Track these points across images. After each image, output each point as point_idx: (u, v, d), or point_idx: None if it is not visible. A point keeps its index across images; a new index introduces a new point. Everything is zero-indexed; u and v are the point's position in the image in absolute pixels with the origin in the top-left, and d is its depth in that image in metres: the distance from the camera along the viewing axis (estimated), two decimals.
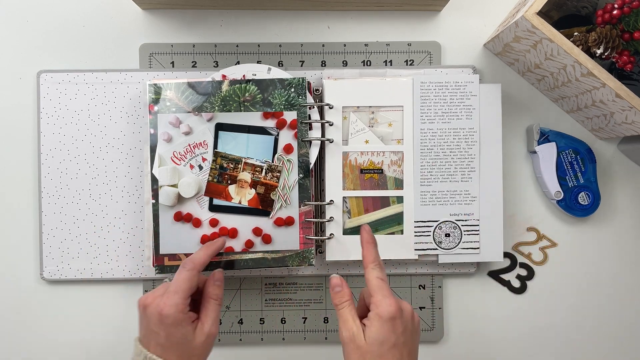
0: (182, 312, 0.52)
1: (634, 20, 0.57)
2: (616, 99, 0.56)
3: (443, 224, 0.65)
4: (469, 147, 0.65)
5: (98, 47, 0.68)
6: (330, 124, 0.64)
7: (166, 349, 0.52)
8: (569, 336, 0.69)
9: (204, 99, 0.62)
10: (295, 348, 0.68)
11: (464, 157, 0.65)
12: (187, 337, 0.52)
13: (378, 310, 0.50)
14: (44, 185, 0.66)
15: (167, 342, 0.52)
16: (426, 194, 0.65)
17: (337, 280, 0.54)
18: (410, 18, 0.69)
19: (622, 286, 0.69)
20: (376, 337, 0.49)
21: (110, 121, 0.66)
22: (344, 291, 0.53)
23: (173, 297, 0.52)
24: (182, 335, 0.52)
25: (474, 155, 0.65)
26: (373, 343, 0.49)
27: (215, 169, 0.63)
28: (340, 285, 0.54)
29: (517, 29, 0.58)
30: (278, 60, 0.68)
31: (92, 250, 0.66)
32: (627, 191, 0.69)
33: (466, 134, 0.65)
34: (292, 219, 0.63)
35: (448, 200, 0.65)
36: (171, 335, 0.52)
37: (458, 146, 0.65)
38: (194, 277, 0.54)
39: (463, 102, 0.65)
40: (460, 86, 0.65)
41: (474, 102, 0.65)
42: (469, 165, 0.65)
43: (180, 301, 0.52)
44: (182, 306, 0.52)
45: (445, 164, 0.65)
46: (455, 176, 0.65)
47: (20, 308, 0.67)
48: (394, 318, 0.49)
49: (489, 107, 0.65)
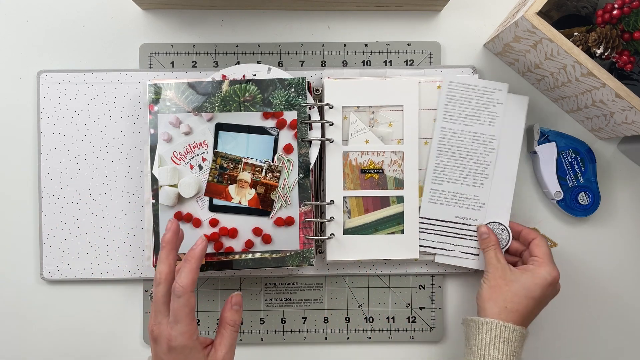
0: (190, 339, 0.50)
1: (634, 20, 0.57)
2: (616, 99, 0.56)
3: (447, 224, 0.65)
4: (487, 154, 0.65)
5: (98, 47, 0.68)
6: (330, 124, 0.64)
7: None
8: (569, 336, 0.69)
9: (204, 99, 0.62)
10: (295, 348, 0.68)
11: (479, 162, 0.65)
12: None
13: (536, 269, 0.59)
14: (44, 185, 0.66)
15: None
16: (435, 192, 0.65)
17: (484, 229, 0.63)
18: (410, 18, 0.69)
19: (622, 286, 0.69)
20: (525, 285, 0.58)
21: (110, 121, 0.66)
22: (491, 237, 0.62)
23: (177, 326, 0.50)
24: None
25: (489, 162, 0.65)
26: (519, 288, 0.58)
27: (215, 169, 0.63)
28: (487, 232, 0.63)
29: (517, 29, 0.58)
30: (278, 60, 0.68)
31: (92, 250, 0.66)
32: (627, 191, 0.69)
33: (485, 140, 0.65)
34: (292, 219, 0.63)
35: (456, 202, 0.65)
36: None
37: (475, 150, 0.65)
38: (191, 299, 0.51)
39: (488, 108, 0.65)
40: (488, 92, 0.65)
41: (499, 109, 0.65)
42: (483, 171, 0.65)
43: (185, 328, 0.50)
44: (189, 333, 0.50)
45: (459, 166, 0.65)
46: (467, 180, 0.65)
47: (20, 308, 0.67)
48: (552, 284, 0.58)
49: (513, 118, 0.65)
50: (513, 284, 0.58)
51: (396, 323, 0.67)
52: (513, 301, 0.57)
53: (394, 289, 0.68)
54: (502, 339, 0.56)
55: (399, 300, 0.67)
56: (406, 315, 0.68)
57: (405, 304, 0.68)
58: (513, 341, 0.56)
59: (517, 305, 0.57)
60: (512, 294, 0.58)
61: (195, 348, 0.50)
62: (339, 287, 0.67)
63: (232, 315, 0.54)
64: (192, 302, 0.51)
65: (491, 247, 0.62)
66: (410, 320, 0.67)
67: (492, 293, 0.58)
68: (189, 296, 0.50)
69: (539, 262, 0.59)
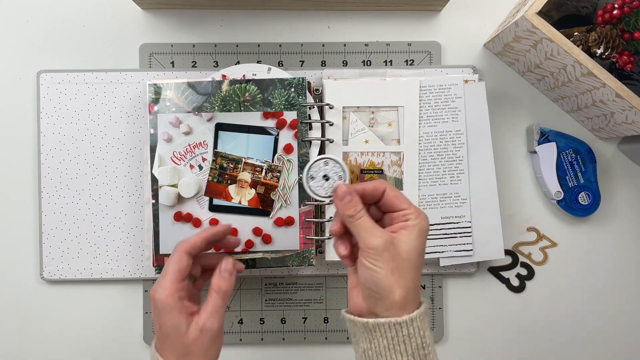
0: (170, 297, 0.48)
1: (634, 20, 0.57)
2: (616, 99, 0.56)
3: (434, 227, 0.65)
4: (457, 150, 0.65)
5: (98, 47, 0.68)
6: (330, 124, 0.64)
7: (161, 342, 0.48)
8: (569, 336, 0.69)
9: (204, 99, 0.62)
10: (295, 348, 0.68)
11: (452, 160, 0.65)
12: (179, 329, 0.47)
13: (419, 221, 0.46)
14: (44, 185, 0.66)
15: (161, 333, 0.48)
16: (423, 198, 0.65)
17: (344, 188, 0.47)
18: (410, 18, 0.69)
19: (622, 286, 0.69)
20: (414, 245, 0.45)
21: (110, 121, 0.66)
22: (355, 199, 0.47)
23: (161, 280, 0.48)
24: (173, 325, 0.47)
25: (462, 157, 0.65)
26: (410, 251, 0.45)
27: (215, 169, 0.63)
28: (350, 193, 0.47)
29: (517, 29, 0.58)
30: (278, 60, 0.68)
31: (92, 250, 0.66)
32: (627, 191, 0.69)
33: (453, 137, 0.65)
34: (292, 219, 0.63)
35: (438, 203, 0.65)
36: (163, 324, 0.48)
37: (445, 149, 0.65)
38: (183, 258, 0.49)
39: (448, 104, 0.65)
40: (444, 89, 0.65)
41: (459, 104, 0.65)
42: (457, 167, 0.65)
43: (167, 285, 0.48)
44: (170, 290, 0.48)
45: (433, 168, 0.65)
46: (444, 179, 0.65)
47: (20, 308, 0.67)
48: (427, 232, 0.47)
49: (474, 107, 0.65)
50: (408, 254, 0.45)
51: None
52: (415, 277, 0.46)
53: None
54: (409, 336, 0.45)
55: None
56: None
57: None
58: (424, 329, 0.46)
59: (418, 278, 0.46)
60: (410, 265, 0.45)
61: (176, 309, 0.48)
62: (339, 287, 0.67)
63: (219, 281, 0.51)
64: (183, 262, 0.49)
65: (362, 212, 0.46)
66: None
67: (396, 276, 0.44)
68: (182, 255, 0.50)
69: (411, 213, 0.46)
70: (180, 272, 0.49)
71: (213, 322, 0.49)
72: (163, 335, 0.48)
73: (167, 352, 0.48)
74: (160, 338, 0.48)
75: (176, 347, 0.48)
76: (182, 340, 0.48)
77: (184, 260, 0.50)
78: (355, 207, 0.46)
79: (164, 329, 0.48)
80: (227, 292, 0.51)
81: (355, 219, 0.46)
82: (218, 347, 0.49)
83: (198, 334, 0.48)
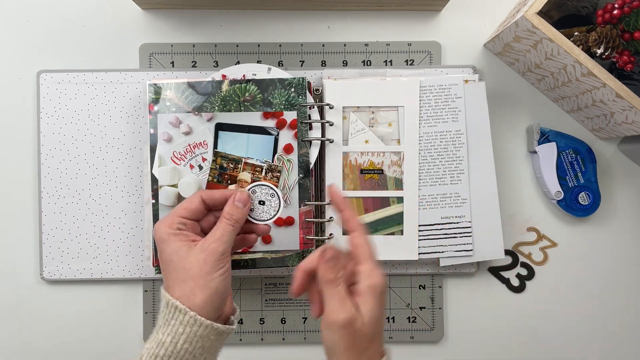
0: (169, 226, 0.48)
1: (634, 20, 0.57)
2: (616, 99, 0.56)
3: (434, 227, 0.65)
4: (457, 150, 0.65)
5: (98, 47, 0.68)
6: (330, 124, 0.64)
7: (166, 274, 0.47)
8: (569, 336, 0.69)
9: (204, 98, 0.62)
10: (295, 348, 0.68)
11: (452, 160, 0.65)
12: (179, 253, 0.47)
13: (371, 282, 0.44)
14: (44, 185, 0.66)
15: (162, 263, 0.47)
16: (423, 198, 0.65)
17: (333, 252, 0.45)
18: (410, 18, 0.69)
19: (622, 286, 0.69)
20: (373, 315, 0.44)
21: (110, 121, 0.66)
22: (340, 264, 0.45)
23: (167, 215, 0.49)
24: (173, 250, 0.47)
25: (462, 157, 0.65)
26: (371, 323, 0.43)
27: (215, 169, 0.63)
28: (337, 257, 0.45)
29: (518, 29, 0.58)
30: (278, 60, 0.68)
31: (92, 250, 0.66)
32: (627, 191, 0.69)
33: (453, 137, 0.65)
34: (292, 219, 0.63)
35: (438, 203, 0.65)
36: (163, 251, 0.47)
37: (446, 149, 0.65)
38: (195, 200, 0.49)
39: (448, 104, 0.65)
40: (445, 89, 0.65)
41: (459, 104, 0.65)
42: (458, 167, 0.65)
43: (170, 217, 0.48)
44: (170, 221, 0.48)
45: (433, 168, 0.65)
46: (444, 179, 0.65)
47: (20, 308, 0.67)
48: (384, 291, 0.45)
49: (475, 107, 0.65)
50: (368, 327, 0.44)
51: (396, 323, 0.67)
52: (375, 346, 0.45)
53: (394, 289, 0.68)
54: None
55: (399, 300, 0.68)
56: (406, 315, 0.68)
57: (405, 304, 0.68)
58: None
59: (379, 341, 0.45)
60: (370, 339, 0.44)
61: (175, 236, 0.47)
62: None
63: (231, 209, 0.50)
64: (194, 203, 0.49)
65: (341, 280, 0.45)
66: (411, 320, 0.67)
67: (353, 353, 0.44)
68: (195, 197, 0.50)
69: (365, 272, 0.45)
70: (187, 210, 0.49)
71: (218, 245, 0.47)
72: (164, 264, 0.47)
73: (171, 282, 0.47)
74: (164, 269, 0.48)
75: (178, 273, 0.46)
76: (184, 265, 0.46)
77: (196, 202, 0.50)
78: (336, 273, 0.45)
79: (164, 256, 0.47)
80: (238, 220, 0.50)
81: (334, 285, 0.45)
82: (221, 279, 0.47)
83: (200, 253, 0.47)
